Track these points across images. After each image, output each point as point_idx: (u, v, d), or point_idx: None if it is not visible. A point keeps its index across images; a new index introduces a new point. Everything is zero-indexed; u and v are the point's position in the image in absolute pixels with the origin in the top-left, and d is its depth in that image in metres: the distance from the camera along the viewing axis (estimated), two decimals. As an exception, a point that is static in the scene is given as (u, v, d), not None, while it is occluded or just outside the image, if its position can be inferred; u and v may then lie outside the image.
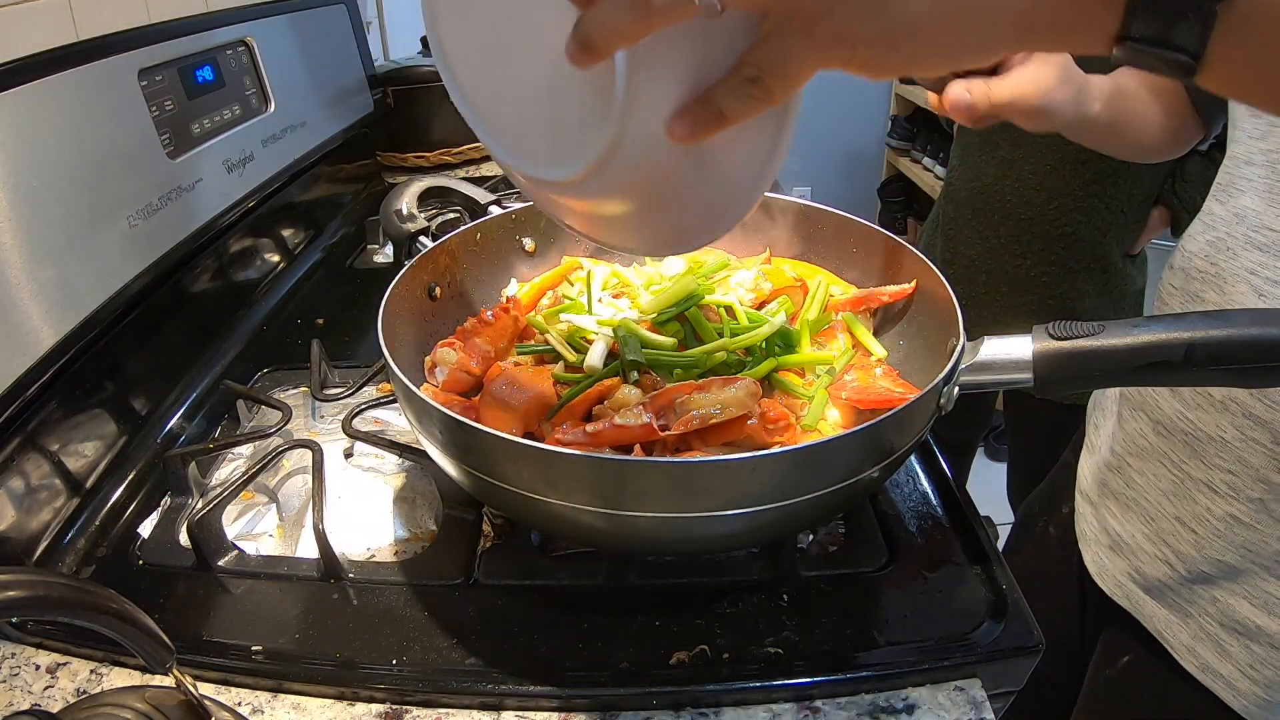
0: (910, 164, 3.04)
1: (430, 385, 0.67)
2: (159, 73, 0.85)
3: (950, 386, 0.52)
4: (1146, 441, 0.70)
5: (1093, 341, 0.48)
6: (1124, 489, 0.73)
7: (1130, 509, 0.72)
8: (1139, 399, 0.71)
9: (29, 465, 0.66)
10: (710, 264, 0.73)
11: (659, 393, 0.57)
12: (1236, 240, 0.60)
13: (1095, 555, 0.77)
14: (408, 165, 1.56)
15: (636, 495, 0.47)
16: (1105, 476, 0.76)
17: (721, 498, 0.47)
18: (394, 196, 0.81)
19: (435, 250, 0.71)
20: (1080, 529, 0.80)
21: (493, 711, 0.53)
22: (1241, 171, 0.61)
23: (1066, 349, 0.49)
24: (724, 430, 0.55)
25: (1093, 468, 0.79)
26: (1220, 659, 0.65)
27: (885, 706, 0.53)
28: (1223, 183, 0.64)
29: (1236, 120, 0.63)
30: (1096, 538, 0.77)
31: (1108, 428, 0.77)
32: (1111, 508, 0.75)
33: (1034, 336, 0.50)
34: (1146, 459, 0.70)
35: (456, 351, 0.67)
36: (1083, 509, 0.80)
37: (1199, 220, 0.66)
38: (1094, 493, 0.78)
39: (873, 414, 0.55)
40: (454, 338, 0.71)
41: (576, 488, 0.48)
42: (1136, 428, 0.71)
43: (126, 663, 0.56)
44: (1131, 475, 0.72)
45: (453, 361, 0.66)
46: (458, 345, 0.68)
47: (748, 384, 0.57)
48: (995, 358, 0.51)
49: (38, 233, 0.66)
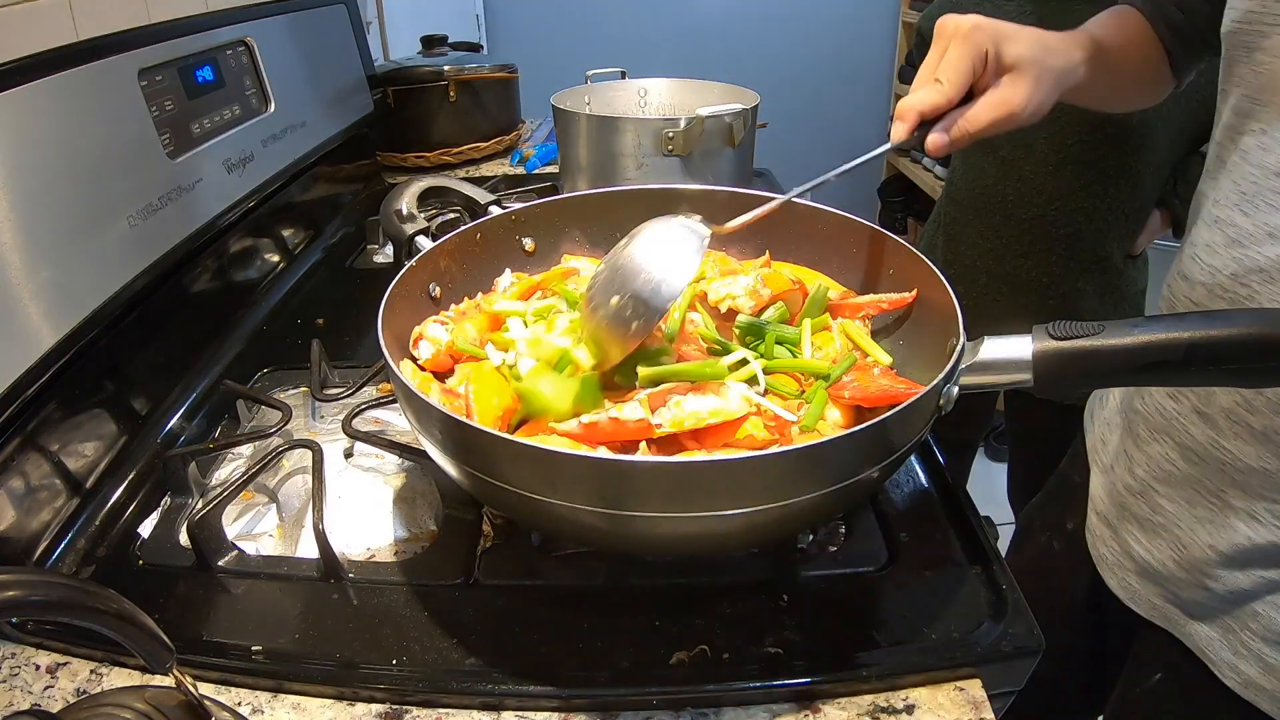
0: (910, 164, 3.04)
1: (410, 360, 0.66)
2: (159, 73, 0.85)
3: (950, 386, 0.52)
4: (1174, 468, 0.66)
5: (1092, 341, 0.48)
6: (1150, 515, 0.69)
7: (1158, 535, 0.69)
8: (1161, 421, 0.67)
9: (29, 465, 0.66)
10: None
11: (656, 391, 0.57)
12: (1272, 262, 0.56)
13: (1123, 581, 0.73)
14: (408, 165, 1.56)
15: (637, 495, 0.47)
16: (1126, 500, 0.72)
17: (721, 498, 0.47)
18: (394, 196, 0.81)
19: (435, 250, 0.71)
20: (1099, 551, 0.77)
21: (493, 711, 0.53)
22: (1273, 184, 0.56)
23: (1066, 349, 0.49)
24: (720, 431, 0.55)
25: (1108, 489, 0.75)
26: (1264, 674, 0.63)
27: (885, 706, 0.53)
28: (1246, 192, 0.58)
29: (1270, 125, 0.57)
30: (1119, 562, 0.74)
31: (1115, 443, 0.74)
32: (1135, 533, 0.71)
33: (1034, 337, 0.50)
34: (1176, 485, 0.66)
35: (447, 332, 0.67)
36: (1099, 530, 0.77)
37: (1216, 229, 0.60)
38: (1112, 515, 0.74)
39: (874, 413, 0.55)
40: (448, 316, 0.70)
41: (577, 488, 0.48)
42: (1161, 452, 0.67)
43: (126, 663, 0.56)
44: (1159, 501, 0.68)
45: (440, 340, 0.66)
46: (448, 325, 0.68)
47: (742, 387, 0.57)
48: (995, 358, 0.51)
49: (38, 233, 0.66)
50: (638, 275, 0.57)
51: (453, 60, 1.54)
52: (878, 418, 0.48)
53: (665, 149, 1.13)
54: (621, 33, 3.22)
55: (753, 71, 2.81)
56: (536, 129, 1.83)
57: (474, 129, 1.58)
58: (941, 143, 0.60)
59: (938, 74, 0.60)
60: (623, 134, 1.14)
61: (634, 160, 1.15)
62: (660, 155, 1.14)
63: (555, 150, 1.49)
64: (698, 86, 1.32)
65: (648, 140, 1.13)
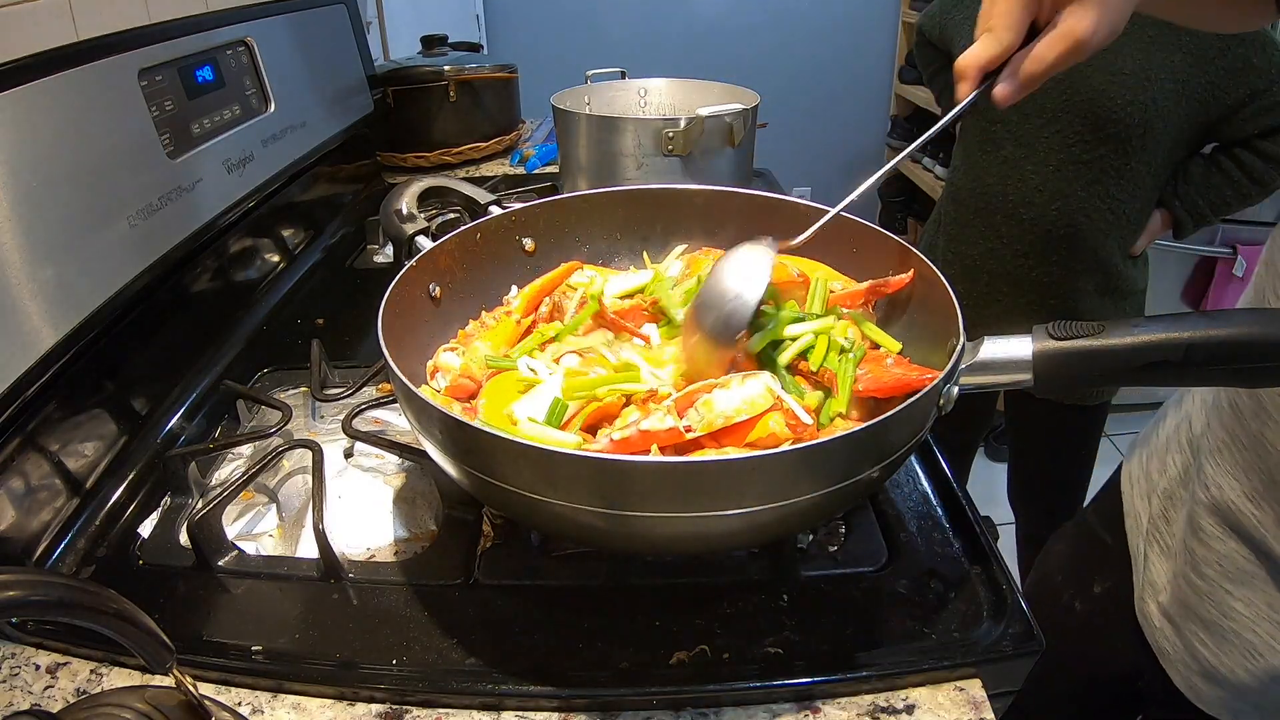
0: (910, 164, 3.04)
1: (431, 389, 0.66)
2: (159, 73, 0.85)
3: (950, 386, 0.52)
4: (1255, 567, 0.62)
5: (1093, 341, 0.48)
6: (1219, 619, 0.65)
7: (1229, 641, 0.65)
8: (1239, 521, 0.63)
9: (29, 465, 0.66)
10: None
11: (683, 394, 0.56)
12: None
13: (1188, 681, 0.70)
14: (407, 165, 1.56)
15: (637, 495, 0.47)
16: (1189, 598, 0.68)
17: (722, 498, 0.47)
18: (394, 196, 0.81)
19: (435, 250, 0.71)
20: (1158, 645, 0.72)
21: (493, 711, 0.53)
22: None
23: (1067, 349, 0.49)
24: (741, 429, 0.54)
25: (1170, 580, 0.70)
26: None
27: (885, 706, 0.53)
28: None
29: None
30: (1185, 662, 0.69)
31: (1187, 533, 0.68)
32: (1201, 635, 0.67)
33: (1034, 337, 0.50)
34: (1251, 587, 0.62)
35: (460, 357, 0.67)
36: (1159, 623, 0.72)
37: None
38: (1175, 612, 0.70)
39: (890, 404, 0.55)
40: (456, 341, 0.70)
41: (577, 488, 0.48)
42: (1239, 551, 0.63)
43: (126, 663, 0.56)
44: (1229, 603, 0.64)
45: (455, 368, 0.66)
46: (460, 350, 0.68)
47: (766, 378, 0.56)
48: (995, 358, 0.51)
49: (38, 233, 0.66)
50: (725, 296, 0.58)
51: (453, 60, 1.54)
52: (877, 418, 0.48)
53: (665, 149, 1.13)
54: (621, 33, 3.22)
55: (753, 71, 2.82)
56: (536, 129, 1.83)
57: (474, 129, 1.58)
58: (1009, 91, 0.55)
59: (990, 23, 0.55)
60: (623, 134, 1.14)
61: (634, 160, 1.15)
62: (660, 155, 1.14)
63: (555, 150, 1.49)
64: (698, 86, 1.32)
65: (648, 140, 1.13)
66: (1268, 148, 1.16)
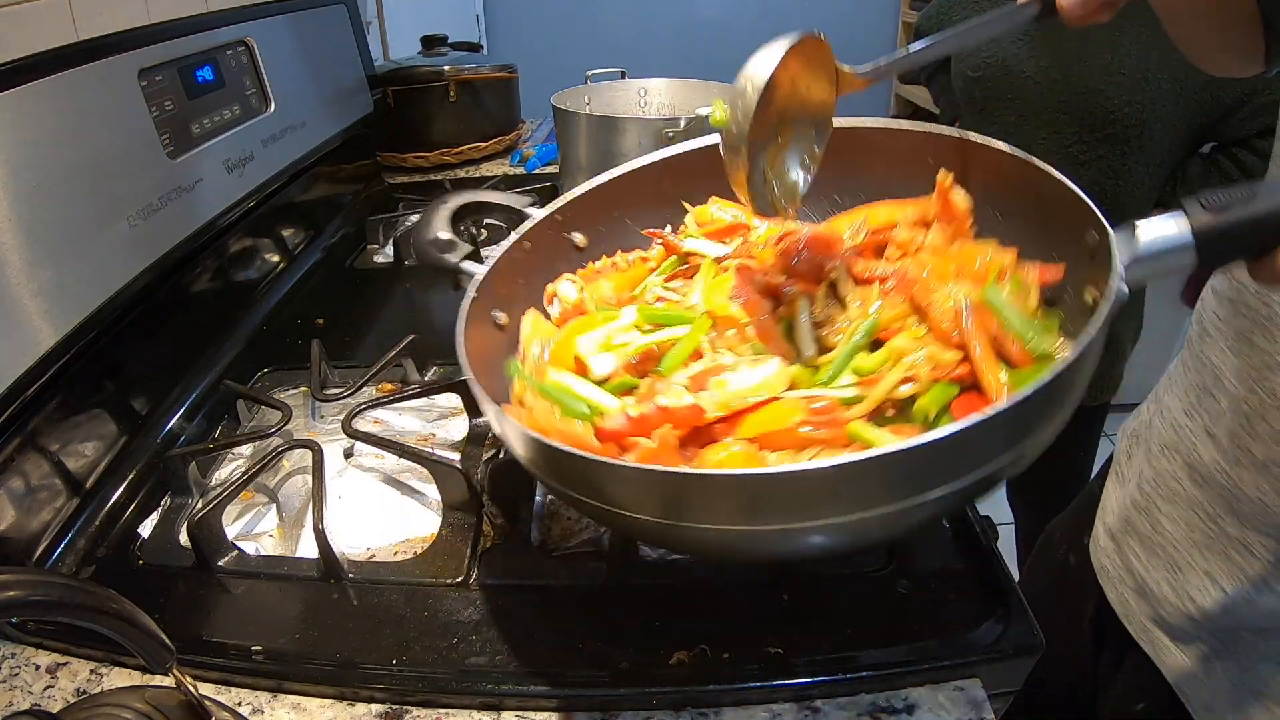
0: (910, 164, 3.03)
1: (539, 314, 0.65)
2: (159, 73, 0.85)
3: (1121, 285, 0.46)
4: (1180, 486, 0.65)
5: (1251, 209, 0.43)
6: (1150, 533, 0.69)
7: (1156, 554, 0.68)
8: (1174, 438, 0.66)
9: (29, 465, 0.66)
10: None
11: (695, 374, 0.53)
12: None
13: (1120, 595, 0.73)
14: (407, 165, 1.56)
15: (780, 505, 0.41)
16: (1130, 514, 0.72)
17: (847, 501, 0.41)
18: (424, 225, 0.73)
19: (489, 278, 0.64)
20: (1100, 563, 0.76)
21: (493, 711, 0.53)
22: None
23: (1226, 221, 0.43)
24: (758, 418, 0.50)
25: (1119, 501, 0.75)
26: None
27: (885, 706, 0.53)
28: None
29: None
30: (1120, 577, 0.73)
31: (1139, 460, 0.73)
32: (1135, 549, 0.71)
33: (1188, 211, 0.44)
34: (1178, 505, 0.66)
35: (578, 291, 0.65)
36: (1104, 543, 0.76)
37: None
38: (1117, 528, 0.74)
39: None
40: (583, 273, 0.68)
41: (718, 508, 0.43)
42: (1169, 469, 0.67)
43: (126, 663, 0.56)
44: (1160, 519, 0.68)
45: (570, 300, 0.65)
46: (579, 285, 0.66)
47: (779, 360, 0.52)
48: (1155, 244, 0.45)
49: (37, 233, 0.66)
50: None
51: (453, 60, 1.54)
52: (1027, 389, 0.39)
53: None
54: (621, 33, 3.22)
55: (752, 71, 2.81)
56: (536, 129, 1.83)
57: (474, 129, 1.58)
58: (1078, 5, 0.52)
59: None
60: (623, 134, 1.14)
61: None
62: (660, 155, 1.13)
63: (555, 150, 1.49)
64: (698, 86, 1.32)
65: (648, 140, 1.13)
66: (1266, 147, 1.16)
